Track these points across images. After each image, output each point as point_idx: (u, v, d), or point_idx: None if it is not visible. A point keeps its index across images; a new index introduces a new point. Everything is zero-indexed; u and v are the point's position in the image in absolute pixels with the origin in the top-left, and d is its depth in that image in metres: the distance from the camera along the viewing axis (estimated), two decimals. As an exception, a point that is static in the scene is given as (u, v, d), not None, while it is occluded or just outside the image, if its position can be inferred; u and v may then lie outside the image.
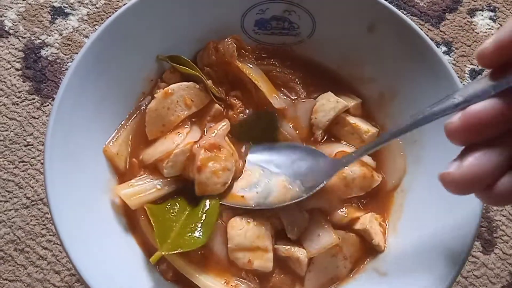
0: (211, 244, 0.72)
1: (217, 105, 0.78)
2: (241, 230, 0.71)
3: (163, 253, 0.68)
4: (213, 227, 0.71)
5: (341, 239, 0.71)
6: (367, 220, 0.74)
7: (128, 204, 0.72)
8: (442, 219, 0.70)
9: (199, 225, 0.71)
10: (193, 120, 0.78)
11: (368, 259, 0.75)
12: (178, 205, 0.74)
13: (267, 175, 0.75)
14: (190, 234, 0.70)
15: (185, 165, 0.74)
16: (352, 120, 0.79)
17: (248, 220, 0.71)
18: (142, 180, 0.74)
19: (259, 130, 0.79)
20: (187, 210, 0.73)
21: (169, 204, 0.73)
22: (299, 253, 0.71)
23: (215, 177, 0.72)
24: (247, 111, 0.80)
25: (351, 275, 0.74)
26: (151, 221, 0.70)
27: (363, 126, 0.79)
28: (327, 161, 0.74)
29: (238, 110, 0.79)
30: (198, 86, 0.77)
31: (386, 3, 0.74)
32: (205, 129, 0.78)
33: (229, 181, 0.73)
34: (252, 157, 0.78)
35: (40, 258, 0.84)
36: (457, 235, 0.67)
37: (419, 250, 0.71)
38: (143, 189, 0.73)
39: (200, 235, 0.70)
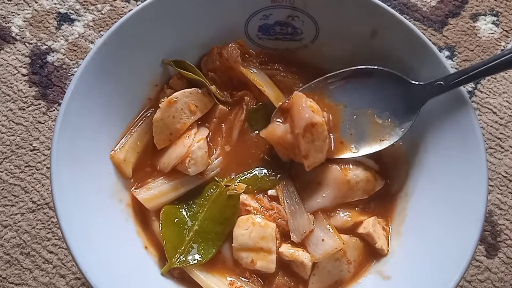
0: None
1: (221, 106, 0.79)
2: (246, 230, 0.72)
3: (175, 265, 0.71)
4: (226, 236, 0.73)
5: (345, 244, 0.72)
6: (370, 224, 0.74)
7: (146, 206, 0.74)
8: (445, 223, 0.70)
9: (212, 235, 0.73)
10: (199, 123, 0.79)
11: (371, 263, 0.75)
12: (193, 209, 0.75)
13: (351, 110, 0.74)
14: (202, 243, 0.73)
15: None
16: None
17: (254, 221, 0.72)
18: (159, 183, 0.75)
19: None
20: (201, 214, 0.74)
21: (184, 206, 0.75)
22: (303, 257, 0.71)
23: (319, 154, 0.73)
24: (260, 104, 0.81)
25: (354, 279, 0.74)
26: (161, 232, 0.72)
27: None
28: (415, 86, 0.71)
29: (249, 104, 0.80)
30: (201, 91, 0.77)
31: (389, 8, 0.75)
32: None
33: (330, 144, 0.74)
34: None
35: (46, 261, 0.84)
36: (460, 239, 0.67)
37: (422, 253, 0.71)
38: (160, 191, 0.75)
39: (211, 246, 0.73)
